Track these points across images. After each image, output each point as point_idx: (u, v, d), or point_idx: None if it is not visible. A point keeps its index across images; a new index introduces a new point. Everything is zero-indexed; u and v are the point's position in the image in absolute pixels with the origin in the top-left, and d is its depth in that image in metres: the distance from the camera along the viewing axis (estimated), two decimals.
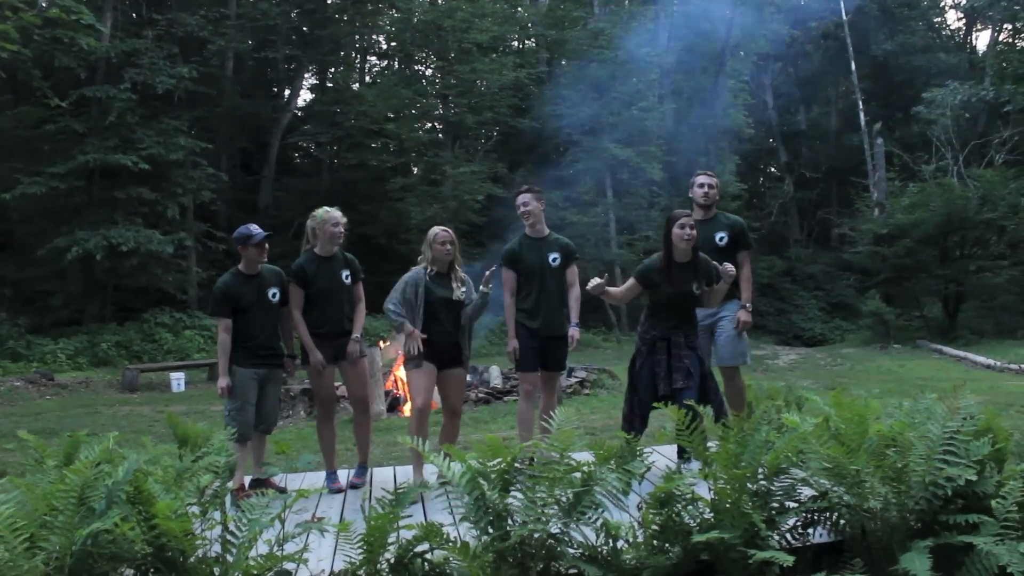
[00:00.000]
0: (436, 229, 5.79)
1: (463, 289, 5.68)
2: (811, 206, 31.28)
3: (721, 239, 5.98)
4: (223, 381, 5.47)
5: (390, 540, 3.46)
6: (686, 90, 24.25)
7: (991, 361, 15.72)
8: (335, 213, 5.76)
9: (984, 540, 3.38)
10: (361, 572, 3.44)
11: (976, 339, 20.59)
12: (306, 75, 29.58)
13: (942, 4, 34.17)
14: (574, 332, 5.83)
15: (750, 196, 29.32)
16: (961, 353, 17.60)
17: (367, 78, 31.34)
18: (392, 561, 3.47)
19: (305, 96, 30.49)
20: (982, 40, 33.51)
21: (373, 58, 32.54)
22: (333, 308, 5.72)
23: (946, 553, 3.48)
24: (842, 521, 3.87)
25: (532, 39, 29.65)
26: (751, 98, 27.58)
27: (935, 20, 34.37)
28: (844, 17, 28.15)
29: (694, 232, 5.37)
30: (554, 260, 5.86)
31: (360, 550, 3.42)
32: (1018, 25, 30.13)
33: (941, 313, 23.15)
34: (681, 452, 5.49)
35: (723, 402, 5.63)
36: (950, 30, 34.99)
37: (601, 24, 25.19)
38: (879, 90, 28.46)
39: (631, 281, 5.65)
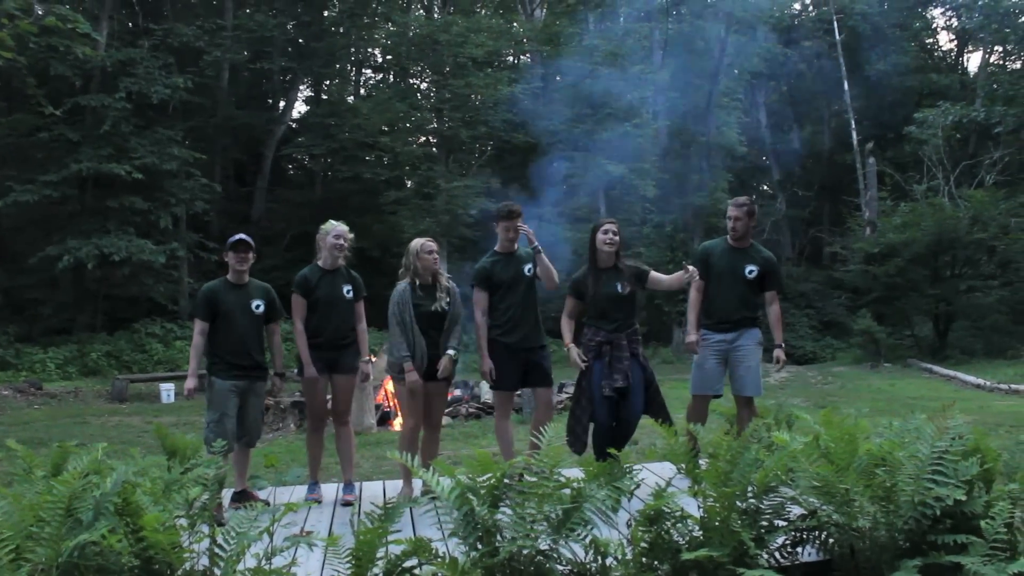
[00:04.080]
0: (420, 240, 5.84)
1: (447, 300, 5.72)
2: (803, 224, 31.32)
3: (751, 272, 6.02)
4: (191, 383, 5.57)
5: (379, 555, 3.45)
6: (679, 107, 24.31)
7: (981, 381, 15.75)
8: (339, 227, 5.84)
9: (972, 560, 3.39)
10: None
11: (966, 358, 20.62)
12: (301, 87, 29.65)
13: (934, 26, 34.33)
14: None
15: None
16: (951, 372, 17.64)
17: (362, 91, 31.42)
18: None
19: (300, 108, 30.57)
20: (973, 62, 33.71)
21: (368, 71, 32.65)
22: (332, 320, 5.77)
23: (934, 573, 3.50)
24: (831, 540, 3.88)
25: (527, 54, 29.74)
26: (744, 116, 27.68)
27: (927, 41, 34.49)
28: (838, 37, 28.30)
29: (616, 237, 5.80)
30: (528, 270, 5.89)
31: (348, 565, 3.41)
32: (1008, 47, 30.34)
33: (931, 332, 23.19)
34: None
35: (668, 413, 5.74)
36: (942, 51, 35.14)
37: (596, 41, 25.28)
38: (871, 110, 28.54)
39: (568, 302, 5.94)
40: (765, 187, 33.76)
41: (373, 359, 11.51)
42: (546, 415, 5.88)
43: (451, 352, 5.73)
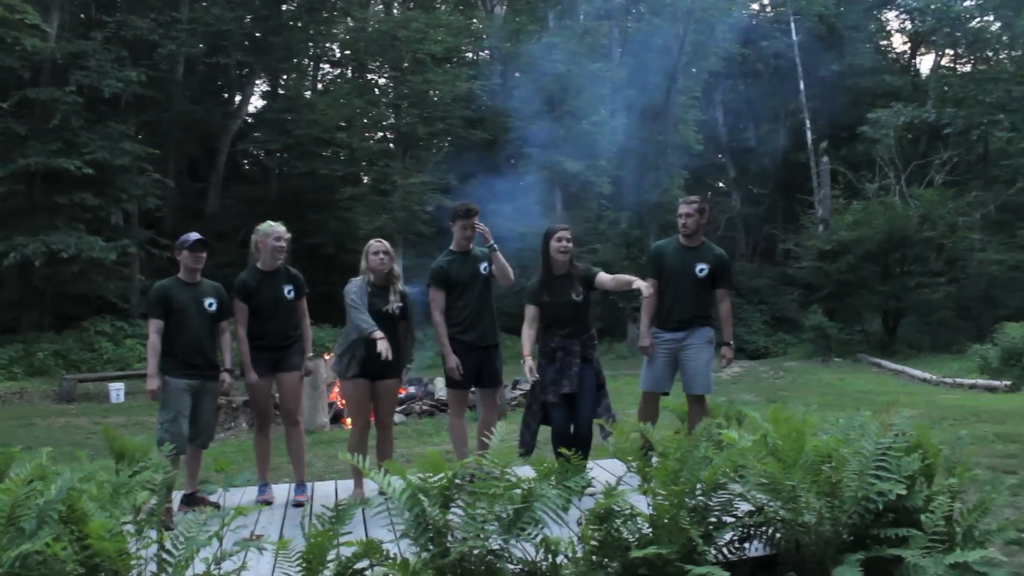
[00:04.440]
0: (371, 241, 5.84)
1: (399, 304, 5.70)
2: (757, 221, 31.70)
3: (701, 270, 6.03)
4: (153, 383, 5.41)
5: (329, 557, 3.44)
6: (637, 105, 24.47)
7: (927, 375, 16.06)
8: (278, 228, 5.77)
9: (912, 553, 3.47)
10: None
11: (914, 353, 21.04)
12: (258, 82, 29.37)
13: (888, 28, 34.91)
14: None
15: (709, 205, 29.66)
16: (899, 367, 17.97)
17: (319, 86, 31.18)
18: None
19: (256, 103, 30.28)
20: (925, 64, 34.33)
21: (326, 66, 32.42)
22: (273, 322, 5.74)
23: (876, 566, 3.57)
24: (777, 535, 3.94)
25: (486, 51, 29.73)
26: (701, 114, 27.92)
27: (881, 43, 35.03)
28: (794, 37, 28.66)
29: (569, 244, 5.73)
30: (484, 269, 5.90)
31: (299, 568, 3.40)
32: (959, 51, 30.94)
33: (881, 328, 23.63)
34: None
35: (613, 417, 5.70)
36: (895, 53, 35.70)
37: (555, 38, 25.35)
38: (826, 109, 28.92)
39: (529, 311, 5.81)
40: (721, 184, 34.14)
41: (327, 356, 11.48)
42: (491, 416, 5.91)
43: (409, 365, 5.85)
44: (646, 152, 24.85)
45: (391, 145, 26.20)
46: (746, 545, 3.99)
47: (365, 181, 26.41)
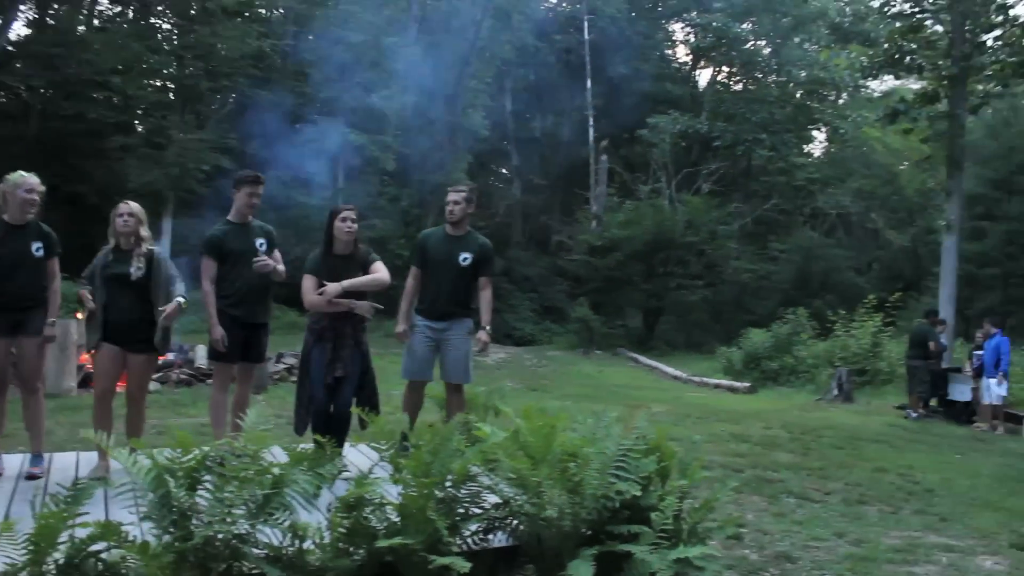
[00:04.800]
0: (120, 203, 5.52)
1: (139, 266, 5.35)
2: (535, 211, 32.56)
3: (465, 259, 6.09)
4: None
5: (61, 540, 3.25)
6: (428, 84, 24.47)
7: (679, 372, 17.17)
8: (30, 179, 5.31)
9: (641, 549, 3.72)
10: (24, 574, 3.20)
11: (669, 351, 22.45)
12: (23, 7, 26.74)
13: (674, 38, 36.78)
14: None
15: (478, 195, 29.99)
16: (654, 363, 19.08)
17: (96, 23, 28.83)
18: (61, 562, 3.25)
19: (20, 31, 27.58)
20: (704, 77, 36.45)
21: (105, 1, 30.01)
22: (16, 281, 5.30)
23: (609, 560, 3.80)
24: (521, 527, 4.10)
25: (280, 10, 28.70)
26: (491, 100, 28.32)
27: (667, 52, 36.81)
28: (586, 36, 29.62)
29: (355, 225, 5.60)
30: (261, 246, 5.73)
31: (25, 551, 3.18)
32: (734, 69, 33.16)
33: (641, 324, 25.00)
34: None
35: (377, 403, 5.73)
36: (679, 63, 37.64)
37: (353, 6, 24.88)
38: (610, 109, 30.01)
39: (309, 281, 5.60)
40: (504, 171, 34.82)
41: (79, 316, 10.74)
42: (246, 393, 5.82)
43: (180, 299, 5.38)
44: (433, 132, 24.92)
45: (171, 96, 24.74)
46: (490, 536, 4.13)
47: (139, 131, 24.82)
